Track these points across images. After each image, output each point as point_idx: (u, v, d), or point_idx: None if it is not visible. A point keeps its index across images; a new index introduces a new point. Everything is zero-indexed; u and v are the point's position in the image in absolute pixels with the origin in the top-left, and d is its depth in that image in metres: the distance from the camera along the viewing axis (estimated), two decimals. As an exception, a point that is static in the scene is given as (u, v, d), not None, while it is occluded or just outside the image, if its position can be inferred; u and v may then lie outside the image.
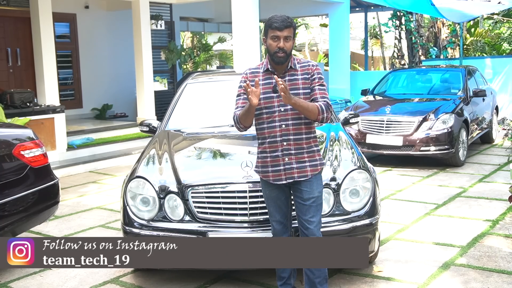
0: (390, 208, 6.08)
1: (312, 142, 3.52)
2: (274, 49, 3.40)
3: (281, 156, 3.46)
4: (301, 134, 3.46)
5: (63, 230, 5.68)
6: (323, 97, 3.45)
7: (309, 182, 3.47)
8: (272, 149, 3.47)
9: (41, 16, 8.88)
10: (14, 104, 8.47)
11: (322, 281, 3.52)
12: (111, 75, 12.61)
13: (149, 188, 3.99)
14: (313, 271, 3.50)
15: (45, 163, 4.75)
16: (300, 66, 3.52)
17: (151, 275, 4.35)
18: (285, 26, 3.37)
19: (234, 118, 3.53)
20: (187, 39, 20.83)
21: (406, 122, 8.21)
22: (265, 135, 3.49)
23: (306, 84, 3.49)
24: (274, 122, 3.45)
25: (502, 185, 6.88)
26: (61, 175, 7.84)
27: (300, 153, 3.46)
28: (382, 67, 22.77)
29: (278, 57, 3.41)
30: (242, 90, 3.56)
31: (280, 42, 3.38)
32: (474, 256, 4.58)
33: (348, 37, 14.34)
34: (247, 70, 3.61)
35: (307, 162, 3.47)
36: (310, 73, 3.50)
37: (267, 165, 3.50)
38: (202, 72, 10.26)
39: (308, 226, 3.45)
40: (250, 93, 3.26)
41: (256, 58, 9.08)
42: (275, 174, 3.47)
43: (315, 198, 3.47)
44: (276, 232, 3.60)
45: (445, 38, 15.68)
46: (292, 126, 3.44)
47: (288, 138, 3.44)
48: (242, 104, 3.52)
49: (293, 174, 3.45)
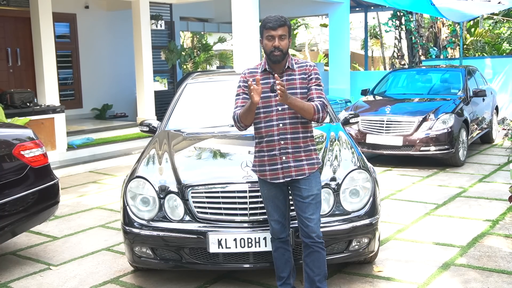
0: (390, 208, 6.08)
1: (309, 141, 3.55)
2: (270, 48, 3.44)
3: (278, 155, 3.49)
4: (298, 133, 3.50)
5: (63, 230, 5.68)
6: (319, 97, 3.50)
7: (308, 180, 3.50)
8: (269, 148, 3.50)
9: (41, 16, 8.88)
10: (14, 104, 8.47)
11: (321, 279, 3.55)
12: (111, 75, 12.61)
13: (149, 188, 3.99)
14: (313, 269, 3.52)
15: (45, 163, 4.75)
16: (297, 66, 3.56)
17: (151, 275, 4.35)
18: (278, 25, 3.41)
19: (234, 117, 3.56)
20: (187, 39, 20.83)
21: (406, 122, 8.21)
22: (263, 134, 3.52)
23: (304, 84, 3.53)
24: (271, 121, 3.49)
25: (502, 185, 6.89)
26: (61, 175, 7.84)
27: (297, 152, 3.49)
28: (382, 67, 22.78)
29: (274, 56, 3.45)
30: (241, 90, 3.61)
31: (275, 41, 3.42)
32: (474, 256, 4.58)
33: (348, 37, 14.34)
34: (246, 70, 3.65)
35: (304, 160, 3.50)
36: (307, 73, 3.54)
37: (264, 164, 3.53)
38: (202, 72, 10.25)
39: (308, 223, 3.48)
40: (252, 90, 3.29)
41: (256, 58, 9.08)
42: (272, 172, 3.50)
43: (314, 196, 3.51)
44: (275, 232, 3.60)
45: (445, 38, 15.69)
46: (290, 125, 3.48)
47: (285, 137, 3.48)
48: (241, 104, 3.56)
49: (290, 172, 3.48)
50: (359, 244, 3.96)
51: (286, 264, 3.65)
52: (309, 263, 3.54)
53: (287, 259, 3.65)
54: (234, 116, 3.57)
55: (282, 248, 3.62)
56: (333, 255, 3.89)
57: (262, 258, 3.83)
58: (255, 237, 3.72)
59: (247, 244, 3.71)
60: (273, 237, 3.62)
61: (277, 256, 3.64)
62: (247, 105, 3.43)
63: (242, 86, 3.61)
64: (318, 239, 3.50)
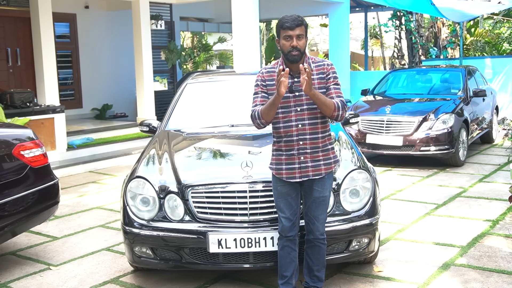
0: (390, 208, 6.08)
1: (327, 140, 3.59)
2: (287, 48, 3.45)
3: (296, 155, 3.52)
4: (317, 134, 3.52)
5: (63, 230, 5.68)
6: (339, 96, 3.52)
7: (322, 181, 3.55)
8: (288, 148, 3.54)
9: (41, 16, 8.88)
10: (14, 104, 8.47)
11: (320, 268, 3.69)
12: (111, 75, 12.61)
13: (149, 188, 3.99)
14: (313, 260, 3.67)
15: (45, 163, 4.75)
16: (315, 66, 3.57)
17: (151, 275, 4.35)
18: (296, 24, 3.43)
19: (254, 114, 3.55)
20: (187, 39, 20.83)
21: (406, 122, 8.21)
22: (281, 134, 3.55)
23: (322, 83, 3.54)
24: (290, 121, 3.51)
25: (502, 185, 6.88)
26: (61, 175, 7.85)
27: (315, 152, 3.53)
28: (382, 67, 22.78)
29: (292, 56, 3.46)
30: (259, 89, 3.61)
31: (293, 41, 3.43)
32: (474, 256, 4.58)
33: (348, 37, 14.34)
34: (263, 70, 3.66)
35: (321, 160, 3.54)
36: (325, 73, 3.56)
37: (281, 163, 3.56)
38: (202, 72, 10.24)
39: (315, 221, 3.58)
40: (281, 82, 3.27)
41: (256, 58, 9.08)
42: (289, 172, 3.53)
43: (325, 197, 3.58)
44: (284, 229, 3.60)
45: (445, 38, 15.68)
46: (309, 126, 3.50)
47: (304, 137, 3.50)
48: (260, 102, 3.56)
49: (308, 172, 3.52)
50: (359, 244, 3.96)
51: (291, 263, 3.66)
52: (310, 254, 3.67)
53: (292, 259, 3.65)
54: (253, 114, 3.56)
55: (289, 247, 3.62)
56: (333, 255, 3.89)
57: (262, 258, 3.83)
58: (255, 237, 3.72)
59: (247, 244, 3.71)
60: (281, 235, 3.62)
61: (283, 255, 3.65)
62: (271, 99, 3.42)
63: (260, 84, 3.62)
64: (321, 236, 3.62)
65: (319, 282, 3.74)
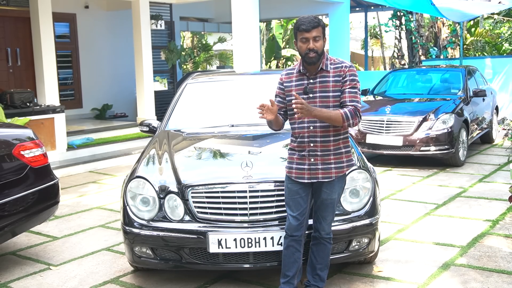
0: (390, 208, 6.08)
1: (341, 143, 3.58)
2: (304, 50, 3.46)
3: (307, 156, 3.54)
4: (328, 137, 3.52)
5: (63, 230, 5.68)
6: (352, 100, 3.48)
7: (331, 184, 3.56)
8: (300, 148, 3.57)
9: (41, 16, 8.88)
10: (14, 104, 8.47)
11: (322, 268, 3.71)
12: (111, 75, 12.61)
13: (149, 188, 3.99)
14: (317, 258, 3.69)
15: (45, 163, 4.75)
16: (333, 68, 3.55)
17: (151, 275, 4.35)
18: (312, 26, 3.43)
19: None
20: (187, 39, 20.83)
21: (406, 122, 8.21)
22: (296, 134, 3.60)
23: (337, 86, 3.52)
24: (303, 123, 3.54)
25: (502, 185, 6.88)
26: (61, 175, 7.84)
27: (326, 155, 3.53)
28: (382, 67, 22.78)
29: (309, 58, 3.46)
30: (277, 92, 3.70)
31: (310, 43, 3.44)
32: (474, 256, 4.58)
33: (348, 37, 14.33)
34: (283, 72, 3.71)
35: (332, 164, 3.54)
36: (342, 75, 3.52)
37: (292, 162, 3.60)
38: (202, 72, 10.24)
39: (322, 221, 3.63)
40: (266, 109, 3.41)
41: (256, 58, 9.08)
42: (298, 171, 3.56)
43: (333, 200, 3.60)
44: (290, 228, 3.60)
45: (445, 38, 15.69)
46: (320, 129, 3.51)
47: (315, 140, 3.52)
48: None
49: (317, 174, 3.53)
50: (359, 244, 3.96)
51: (294, 264, 3.66)
52: (314, 251, 3.70)
53: (296, 259, 3.65)
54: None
55: (293, 248, 3.62)
56: (333, 255, 3.89)
57: (262, 258, 3.84)
58: (255, 237, 3.72)
59: (247, 244, 3.71)
60: (287, 233, 3.62)
61: (287, 254, 3.64)
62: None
63: (279, 88, 3.69)
64: (326, 235, 3.66)
65: (320, 281, 3.74)
